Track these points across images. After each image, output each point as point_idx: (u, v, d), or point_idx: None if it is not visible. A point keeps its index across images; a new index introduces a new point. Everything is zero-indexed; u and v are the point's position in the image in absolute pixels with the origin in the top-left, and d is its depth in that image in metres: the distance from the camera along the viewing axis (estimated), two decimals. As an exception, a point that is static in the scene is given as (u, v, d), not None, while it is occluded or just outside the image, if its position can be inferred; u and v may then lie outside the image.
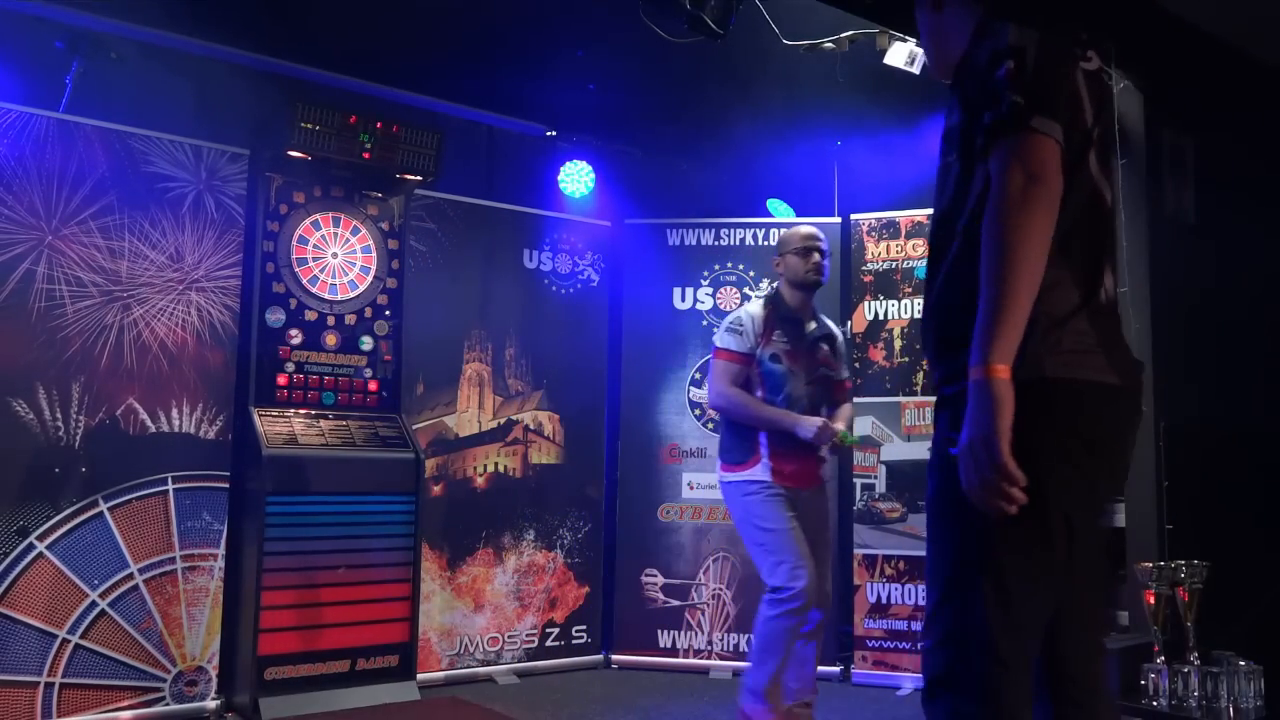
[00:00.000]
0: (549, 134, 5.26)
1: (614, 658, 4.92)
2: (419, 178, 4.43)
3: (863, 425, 4.64)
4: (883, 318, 4.85)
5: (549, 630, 4.81)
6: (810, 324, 3.56)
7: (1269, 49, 4.31)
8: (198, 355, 3.95)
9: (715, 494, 4.86)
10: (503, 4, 4.05)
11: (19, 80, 3.85)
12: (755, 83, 4.52)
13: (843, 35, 4.11)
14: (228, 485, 3.96)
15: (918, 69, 4.12)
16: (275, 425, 4.03)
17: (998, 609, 1.54)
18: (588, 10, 4.03)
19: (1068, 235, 1.59)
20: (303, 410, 4.16)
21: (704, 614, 4.85)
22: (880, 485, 4.72)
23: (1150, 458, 3.88)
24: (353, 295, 4.36)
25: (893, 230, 4.89)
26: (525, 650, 4.73)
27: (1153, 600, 3.50)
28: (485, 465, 4.72)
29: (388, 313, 4.44)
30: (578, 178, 5.27)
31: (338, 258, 4.34)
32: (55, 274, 3.68)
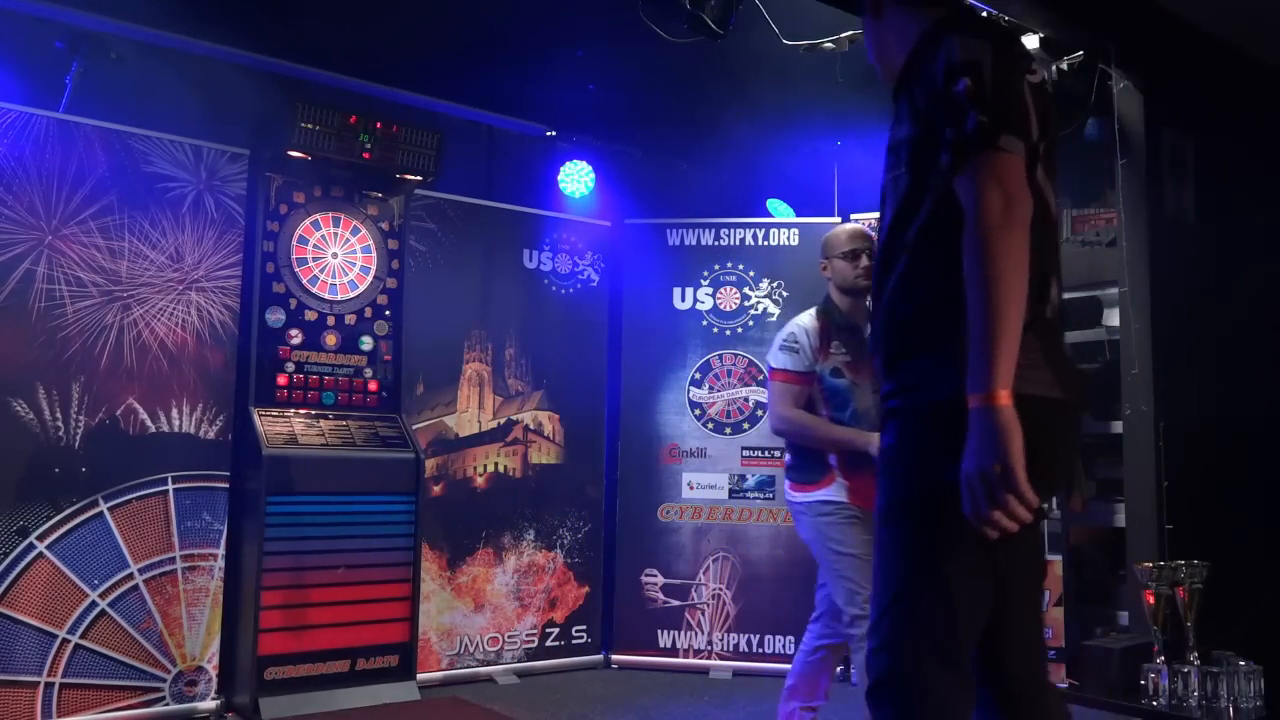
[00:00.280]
0: (549, 134, 5.25)
1: (614, 658, 4.92)
2: (419, 178, 4.43)
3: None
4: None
5: (549, 630, 4.81)
6: (867, 329, 3.21)
7: (1269, 49, 4.32)
8: (198, 355, 3.94)
9: (715, 494, 4.87)
10: (503, 4, 4.05)
11: (19, 80, 3.85)
12: (755, 83, 4.51)
13: (842, 35, 4.10)
14: (228, 485, 3.96)
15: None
16: (275, 425, 4.03)
17: (940, 612, 1.59)
18: (588, 10, 4.03)
19: None
20: (303, 410, 4.16)
21: (704, 614, 4.85)
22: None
23: (1150, 457, 3.88)
24: (353, 295, 4.36)
25: (893, 230, 4.87)
26: (525, 650, 4.73)
27: (1153, 600, 3.50)
28: (485, 465, 4.72)
29: (388, 313, 4.44)
30: (578, 178, 5.26)
31: (338, 258, 4.34)
32: (55, 274, 3.68)
